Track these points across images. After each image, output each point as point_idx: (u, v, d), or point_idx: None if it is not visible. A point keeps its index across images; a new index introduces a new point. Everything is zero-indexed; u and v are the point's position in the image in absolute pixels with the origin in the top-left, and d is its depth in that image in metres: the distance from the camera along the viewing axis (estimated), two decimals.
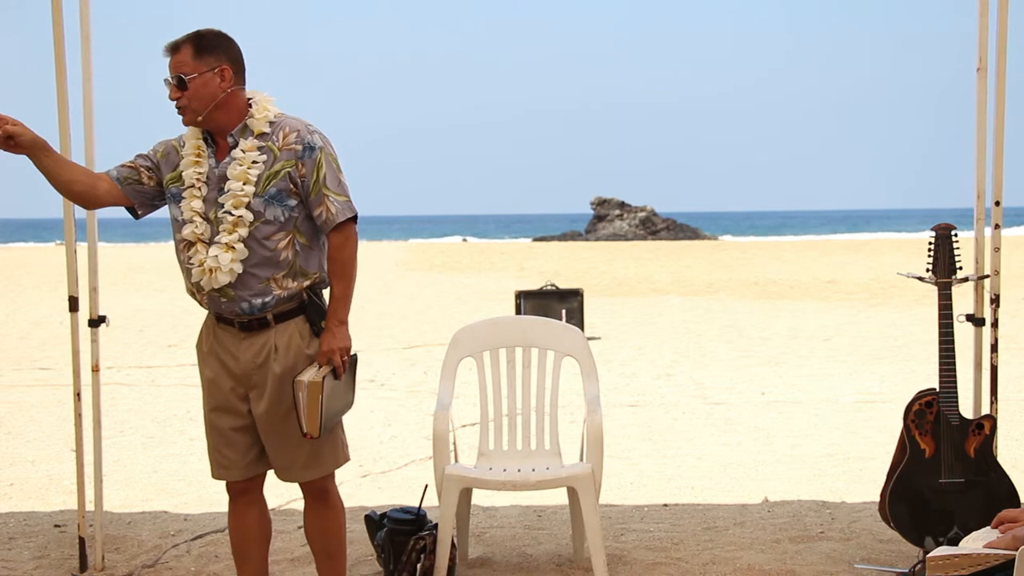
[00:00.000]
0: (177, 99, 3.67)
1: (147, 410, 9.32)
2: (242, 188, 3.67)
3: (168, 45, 3.70)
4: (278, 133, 3.73)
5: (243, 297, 3.70)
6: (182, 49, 3.68)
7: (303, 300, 3.76)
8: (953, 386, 4.48)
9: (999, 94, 4.63)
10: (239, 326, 3.75)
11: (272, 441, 3.82)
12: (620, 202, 54.14)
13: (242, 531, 3.97)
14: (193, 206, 3.71)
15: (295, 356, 3.74)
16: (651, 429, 8.42)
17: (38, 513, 5.83)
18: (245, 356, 3.75)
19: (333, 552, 3.98)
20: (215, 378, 3.81)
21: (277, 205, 3.68)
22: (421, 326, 15.72)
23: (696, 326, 15.48)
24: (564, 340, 4.88)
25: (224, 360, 3.79)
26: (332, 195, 3.72)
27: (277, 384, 3.74)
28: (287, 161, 3.70)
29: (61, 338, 13.77)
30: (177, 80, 3.65)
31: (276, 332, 3.75)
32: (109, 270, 25.99)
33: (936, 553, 3.17)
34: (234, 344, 3.77)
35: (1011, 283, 17.35)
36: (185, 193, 3.73)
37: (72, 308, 4.68)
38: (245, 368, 3.76)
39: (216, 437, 3.85)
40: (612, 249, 39.44)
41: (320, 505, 3.95)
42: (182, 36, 3.71)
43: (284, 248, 3.70)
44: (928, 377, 6.97)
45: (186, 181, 3.74)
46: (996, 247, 4.65)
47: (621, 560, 4.80)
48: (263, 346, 3.75)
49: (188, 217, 3.72)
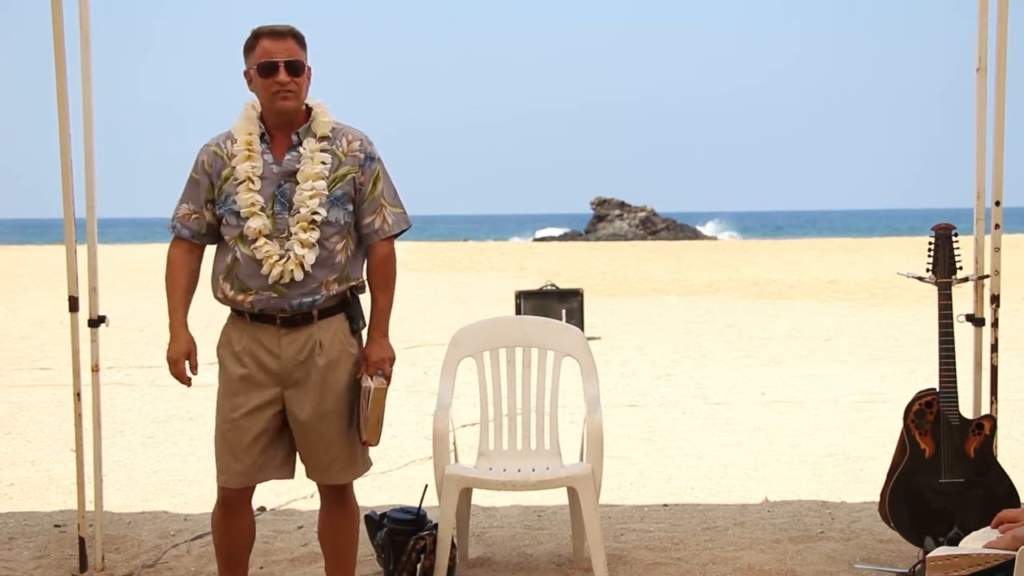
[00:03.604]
0: (288, 83, 3.68)
1: (147, 410, 9.32)
2: (320, 186, 3.71)
3: (267, 29, 3.72)
4: (341, 139, 3.79)
5: (295, 295, 3.72)
6: (288, 38, 3.72)
7: (346, 297, 3.83)
8: (953, 386, 4.48)
9: (999, 94, 4.63)
10: (281, 322, 3.74)
11: (313, 440, 3.79)
12: (620, 202, 54.10)
13: (234, 537, 3.94)
14: (255, 200, 3.69)
15: (339, 351, 3.79)
16: (651, 429, 8.42)
17: (38, 513, 5.83)
18: (287, 353, 3.74)
19: (343, 553, 3.99)
20: (250, 376, 3.75)
21: (340, 208, 3.75)
22: (421, 326, 15.72)
23: (696, 326, 15.48)
24: (564, 340, 4.88)
25: (262, 358, 3.75)
26: (389, 206, 3.85)
27: (321, 378, 3.75)
28: (351, 167, 3.78)
29: (61, 338, 13.76)
30: (294, 65, 3.69)
31: (319, 328, 3.77)
32: (109, 270, 25.96)
33: (936, 553, 3.17)
34: (273, 341, 3.74)
35: (1011, 283, 17.33)
36: (240, 188, 3.70)
37: (72, 308, 4.68)
38: (286, 365, 3.74)
39: (236, 441, 3.77)
40: (612, 249, 39.42)
41: (340, 508, 3.95)
42: (280, 25, 3.74)
43: (340, 251, 3.76)
44: (928, 377, 6.96)
45: (239, 175, 3.71)
46: (996, 247, 4.65)
47: (621, 560, 4.80)
48: (306, 342, 3.75)
49: (250, 212, 3.69)
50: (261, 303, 3.72)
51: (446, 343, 4.96)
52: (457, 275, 26.59)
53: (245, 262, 3.71)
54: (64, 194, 4.59)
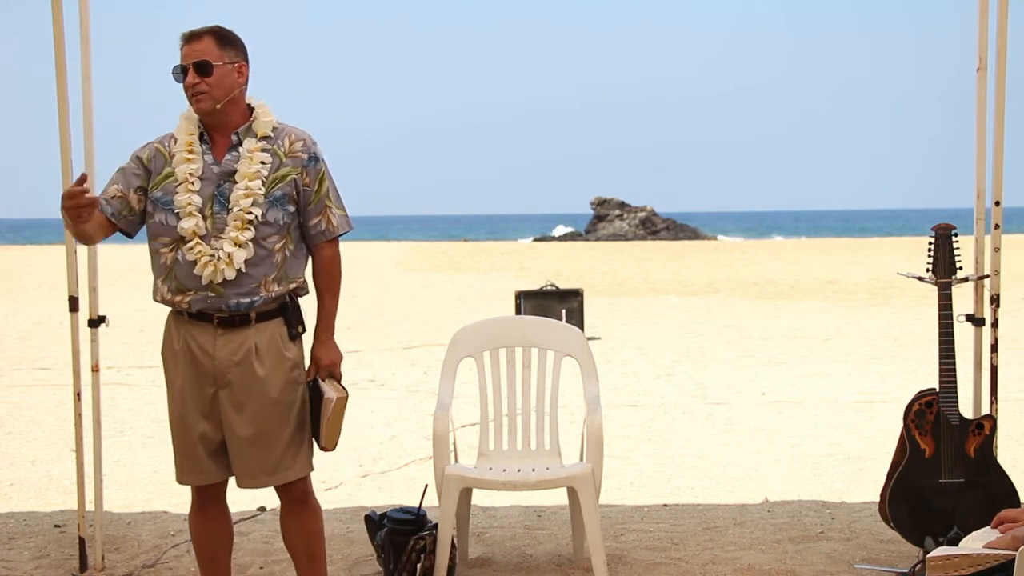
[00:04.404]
0: (196, 84, 3.67)
1: (147, 410, 9.31)
2: (255, 186, 3.68)
3: (187, 33, 3.71)
4: (283, 139, 3.77)
5: (232, 295, 3.69)
6: (204, 38, 3.70)
7: (285, 301, 3.78)
8: (953, 386, 4.48)
9: (999, 94, 4.63)
10: (218, 322, 3.72)
11: (241, 445, 3.76)
12: (620, 202, 54.11)
13: (213, 536, 3.95)
14: (191, 200, 3.67)
15: (276, 358, 3.75)
16: (651, 429, 8.42)
17: (38, 513, 5.83)
18: (222, 353, 3.72)
19: (315, 552, 3.95)
20: (189, 380, 3.75)
21: (279, 208, 3.71)
22: (421, 326, 15.72)
23: (696, 326, 15.48)
24: (564, 340, 4.88)
25: (198, 359, 3.74)
26: (334, 208, 3.83)
27: (258, 383, 3.72)
28: (293, 168, 3.75)
29: (61, 338, 13.76)
30: (201, 65, 3.66)
31: (256, 331, 3.74)
32: (109, 270, 25.97)
33: (936, 553, 3.17)
34: (209, 341, 3.73)
35: (1011, 283, 17.33)
36: (179, 188, 3.69)
37: (72, 308, 4.68)
38: (221, 365, 3.72)
39: (186, 441, 3.81)
40: (612, 249, 39.42)
41: (301, 508, 3.91)
42: (202, 27, 3.73)
43: (278, 251, 3.73)
44: (928, 377, 6.97)
45: (179, 176, 3.70)
46: (996, 247, 4.65)
47: (621, 560, 4.80)
48: (242, 344, 3.72)
49: (187, 212, 3.67)
50: (199, 303, 3.70)
51: (446, 343, 4.96)
52: (457, 275, 26.59)
53: (184, 262, 3.70)
54: None
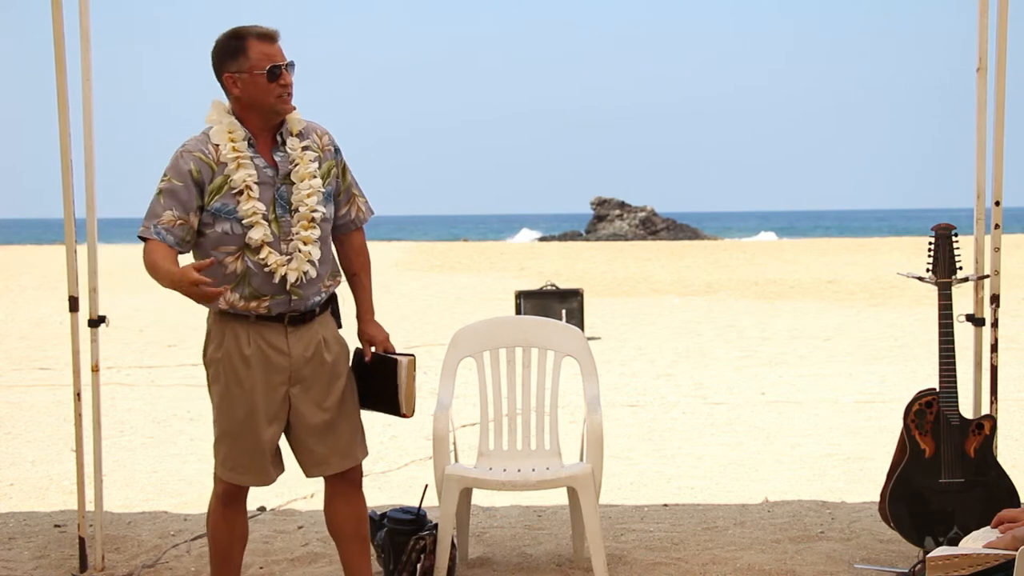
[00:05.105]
0: (290, 85, 3.71)
1: (147, 410, 9.32)
2: (317, 185, 3.74)
3: (271, 31, 3.73)
4: (312, 134, 3.81)
5: (309, 295, 3.76)
6: (278, 40, 3.74)
7: (333, 292, 3.90)
8: (953, 386, 4.48)
9: (999, 94, 4.63)
10: (289, 320, 3.76)
11: (315, 435, 3.82)
12: (620, 202, 54.11)
13: (232, 534, 3.95)
14: (256, 208, 3.66)
15: (339, 346, 3.88)
16: (651, 429, 8.42)
17: (38, 513, 5.83)
18: (295, 351, 3.76)
19: (365, 536, 4.04)
20: (262, 382, 3.74)
21: (330, 203, 3.81)
22: (421, 326, 15.71)
23: (696, 326, 15.47)
24: (564, 340, 4.88)
25: (272, 359, 3.74)
26: (359, 195, 3.94)
27: (329, 373, 3.81)
28: (331, 162, 3.82)
29: (61, 338, 13.76)
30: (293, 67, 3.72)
31: (319, 324, 3.82)
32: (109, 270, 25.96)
33: (936, 553, 3.17)
34: (281, 340, 3.75)
35: (1011, 283, 17.34)
36: (240, 197, 3.65)
37: (72, 308, 4.67)
38: (295, 363, 3.77)
39: (253, 444, 3.77)
40: (612, 249, 39.42)
41: (355, 492, 3.98)
42: (269, 27, 3.74)
43: (329, 247, 3.84)
44: (928, 377, 6.97)
45: (237, 185, 3.65)
46: (996, 247, 4.65)
47: (621, 560, 4.80)
48: (312, 338, 3.79)
49: (255, 220, 3.65)
50: (279, 306, 3.72)
51: (446, 343, 4.96)
52: (457, 275, 26.59)
53: (256, 270, 3.69)
54: (64, 194, 4.60)
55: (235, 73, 3.69)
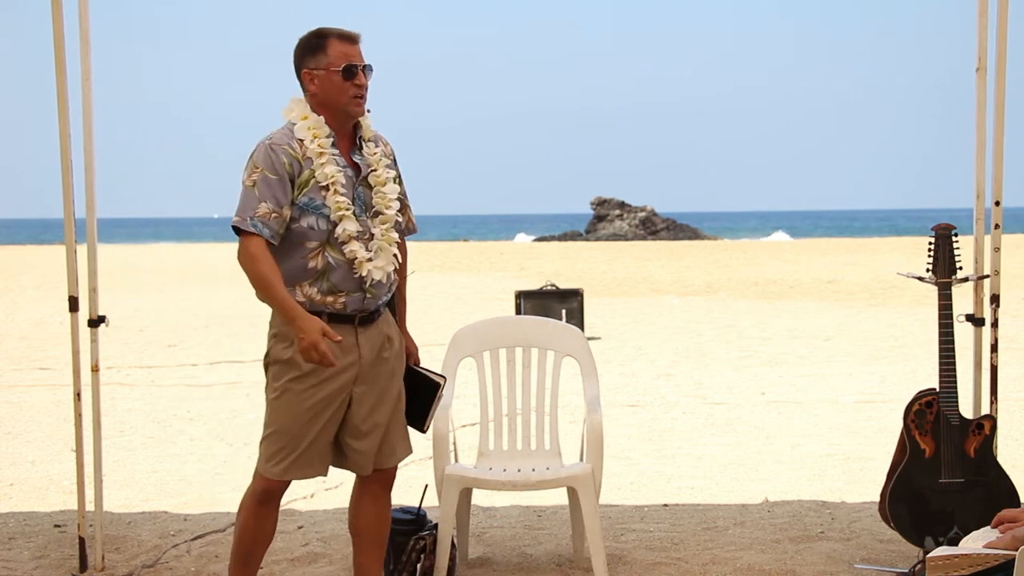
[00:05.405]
0: (364, 87, 3.76)
1: (147, 410, 9.32)
2: (397, 190, 3.84)
3: (353, 33, 3.79)
4: (379, 141, 3.89)
5: (381, 295, 3.83)
6: (358, 43, 3.79)
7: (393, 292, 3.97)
8: (953, 386, 4.48)
9: (999, 94, 4.63)
10: (359, 320, 3.79)
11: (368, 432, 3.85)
12: (620, 202, 54.12)
13: (260, 533, 3.91)
14: (345, 203, 3.71)
15: (399, 341, 3.98)
16: (651, 429, 8.42)
17: (38, 513, 5.83)
18: (365, 350, 3.81)
19: (385, 539, 4.07)
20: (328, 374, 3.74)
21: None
22: (421, 326, 15.71)
23: (696, 326, 15.48)
24: (564, 340, 4.88)
25: (345, 360, 3.76)
26: (409, 206, 4.03)
27: (389, 373, 3.88)
28: (396, 170, 3.91)
29: (61, 338, 13.76)
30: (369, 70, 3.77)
31: (383, 323, 3.89)
32: (109, 270, 25.98)
33: (936, 553, 3.17)
34: (351, 340, 3.78)
35: (1011, 283, 17.35)
36: (328, 192, 3.70)
37: (72, 308, 4.67)
38: (365, 362, 3.81)
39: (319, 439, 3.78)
40: (612, 249, 39.42)
41: (385, 493, 4.02)
42: (351, 30, 3.79)
43: None
44: (928, 377, 6.97)
45: (323, 180, 3.70)
46: (996, 247, 4.65)
47: (621, 560, 4.80)
48: (378, 337, 3.85)
49: (345, 215, 3.71)
50: (354, 303, 3.75)
51: (446, 343, 4.96)
52: (457, 275, 26.59)
53: (337, 265, 3.72)
54: (64, 194, 4.60)
55: (313, 70, 3.75)
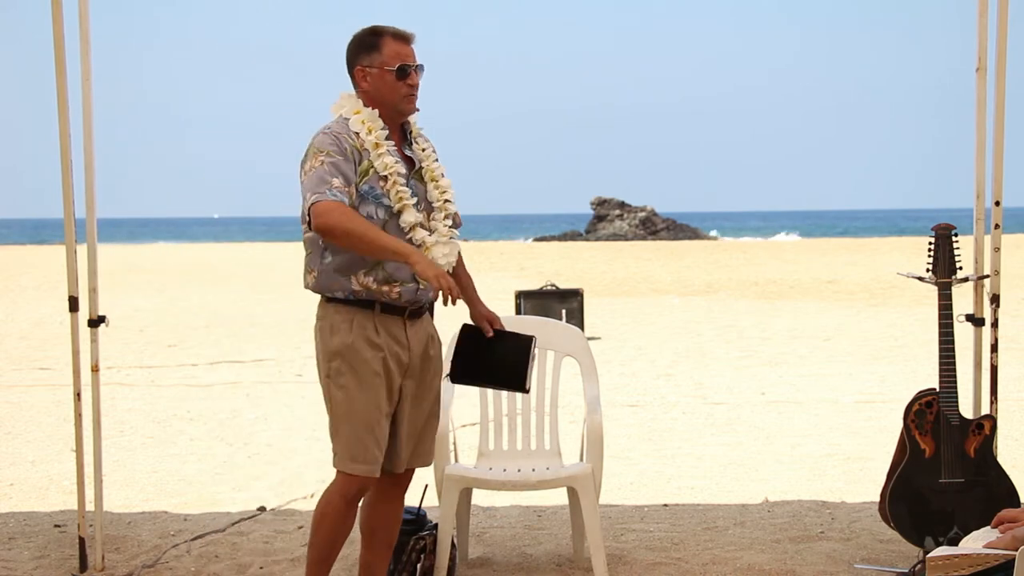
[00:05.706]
0: (417, 86, 3.81)
1: (147, 410, 9.32)
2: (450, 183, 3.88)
3: (407, 33, 3.83)
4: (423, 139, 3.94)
5: (428, 288, 3.83)
6: (412, 43, 3.82)
7: None
8: (953, 386, 4.48)
9: (999, 94, 4.63)
10: (409, 314, 3.81)
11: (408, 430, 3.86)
12: (620, 202, 54.13)
13: (344, 534, 3.84)
14: (404, 193, 3.74)
15: (439, 342, 4.01)
16: (651, 429, 8.42)
17: (38, 513, 5.83)
18: (413, 343, 3.83)
19: (394, 540, 4.07)
20: (387, 366, 3.75)
21: None
22: None
23: (696, 326, 15.48)
24: (564, 340, 4.88)
25: (394, 349, 3.78)
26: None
27: (432, 372, 3.91)
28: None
29: (61, 338, 13.76)
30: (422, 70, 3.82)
31: (427, 321, 3.94)
32: (109, 270, 25.98)
33: (936, 553, 3.17)
34: (401, 333, 3.80)
35: (1011, 283, 17.34)
36: (388, 183, 3.73)
37: (72, 308, 4.67)
38: (413, 356, 3.83)
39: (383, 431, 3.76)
40: (612, 249, 39.42)
41: (400, 495, 4.03)
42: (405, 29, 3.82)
43: None
44: (928, 377, 6.97)
45: (381, 170, 3.72)
46: (996, 247, 4.65)
47: (621, 560, 4.80)
48: (425, 332, 3.89)
49: (406, 205, 3.74)
50: (408, 293, 3.76)
51: (446, 343, 4.95)
52: None
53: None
54: (64, 194, 4.60)
55: (367, 67, 3.78)
